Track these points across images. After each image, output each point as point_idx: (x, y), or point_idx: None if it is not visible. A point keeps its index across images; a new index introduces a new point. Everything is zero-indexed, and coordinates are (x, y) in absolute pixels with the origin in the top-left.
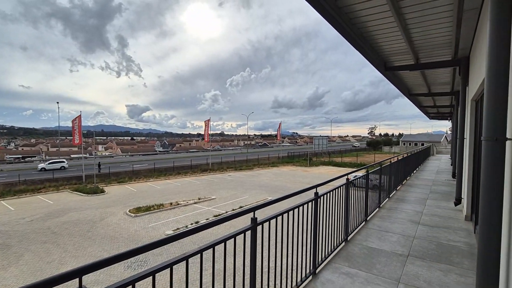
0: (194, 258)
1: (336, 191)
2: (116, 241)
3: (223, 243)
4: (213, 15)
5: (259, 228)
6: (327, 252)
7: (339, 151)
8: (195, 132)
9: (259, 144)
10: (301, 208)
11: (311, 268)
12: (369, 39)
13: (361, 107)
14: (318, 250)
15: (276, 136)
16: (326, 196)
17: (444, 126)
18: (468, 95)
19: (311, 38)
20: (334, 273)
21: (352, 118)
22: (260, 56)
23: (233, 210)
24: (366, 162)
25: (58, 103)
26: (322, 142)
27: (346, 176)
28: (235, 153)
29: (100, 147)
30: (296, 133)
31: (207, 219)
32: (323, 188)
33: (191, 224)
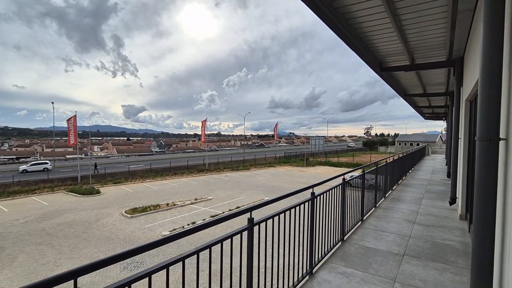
0: (191, 258)
1: (332, 191)
2: (112, 242)
3: (220, 244)
4: (209, 15)
5: (256, 228)
6: (323, 252)
7: (335, 151)
8: (192, 133)
9: (256, 144)
10: (297, 208)
11: (308, 268)
12: (365, 40)
13: (357, 107)
14: (315, 250)
15: (273, 136)
16: (322, 196)
17: (439, 126)
18: (462, 95)
19: (307, 38)
20: (330, 272)
21: (349, 118)
22: (257, 57)
23: (230, 210)
24: (362, 162)
25: (53, 103)
26: (319, 142)
27: (343, 176)
28: (232, 153)
29: (95, 147)
30: (293, 133)
31: (204, 220)
32: (320, 188)
33: (188, 224)
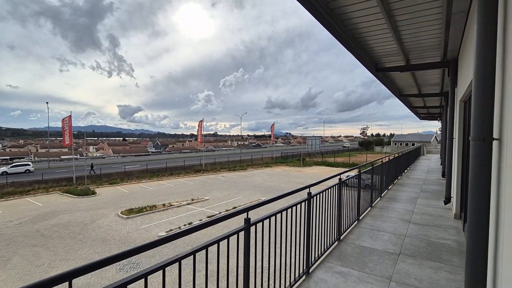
0: (187, 259)
1: (329, 191)
2: (107, 243)
3: (217, 244)
4: (205, 15)
5: (253, 228)
6: (320, 252)
7: (331, 151)
8: (188, 133)
9: (253, 144)
10: (294, 208)
11: (305, 267)
12: (360, 41)
13: (353, 107)
14: (311, 250)
15: (270, 136)
16: (319, 196)
17: (434, 127)
18: (456, 96)
19: (303, 39)
20: (327, 272)
21: (345, 119)
22: (253, 57)
23: (226, 210)
24: (358, 162)
25: (47, 103)
26: (315, 143)
27: (339, 176)
28: (229, 153)
29: (91, 148)
30: (290, 133)
31: (200, 220)
32: (316, 188)
33: (184, 225)
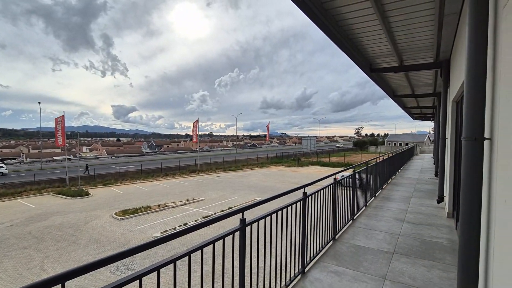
0: (182, 260)
1: (324, 190)
2: (101, 244)
3: (212, 245)
4: (200, 15)
5: (248, 228)
6: (315, 251)
7: (327, 151)
8: (183, 133)
9: (248, 144)
10: (289, 208)
11: (300, 267)
12: (355, 41)
13: (348, 107)
14: (307, 250)
15: (265, 136)
16: (314, 195)
17: (427, 127)
18: (449, 96)
19: (298, 39)
20: (322, 271)
21: (339, 119)
22: (249, 57)
23: (222, 211)
24: (353, 162)
25: (39, 103)
26: (310, 143)
27: (334, 176)
28: (224, 153)
29: (84, 148)
30: (285, 133)
31: (195, 221)
32: (311, 188)
33: (180, 226)
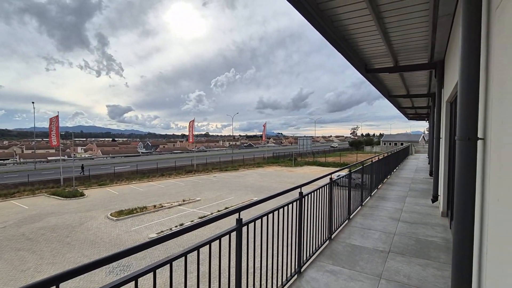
0: (179, 261)
1: (320, 190)
2: (97, 246)
3: (208, 245)
4: (197, 15)
5: (245, 229)
6: (311, 251)
7: (323, 151)
8: (179, 133)
9: (245, 144)
10: (286, 208)
11: (296, 267)
12: (350, 42)
13: (343, 108)
14: (303, 249)
15: (261, 136)
16: (310, 195)
17: (422, 127)
18: (443, 97)
19: (295, 40)
20: (318, 271)
21: (335, 119)
22: (245, 57)
23: (218, 211)
24: (349, 161)
25: (33, 103)
26: (307, 143)
27: (330, 176)
28: (220, 153)
29: (79, 148)
30: (281, 133)
31: (192, 221)
32: (308, 188)
33: (176, 226)
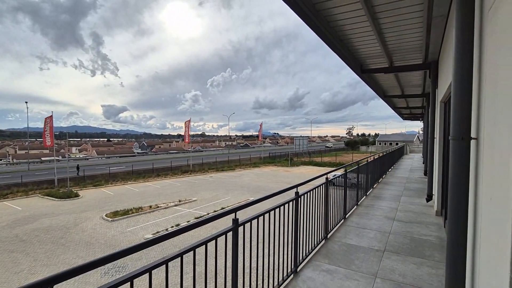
0: (175, 261)
1: (316, 190)
2: (92, 247)
3: (204, 245)
4: (192, 14)
5: (241, 229)
6: (307, 250)
7: (319, 151)
8: (175, 133)
9: (241, 144)
10: (282, 207)
11: (292, 266)
12: (346, 42)
13: (339, 108)
14: (299, 249)
15: (258, 136)
16: (306, 195)
17: (417, 127)
18: (437, 97)
19: (291, 40)
20: (314, 270)
21: (331, 119)
22: (241, 57)
23: (215, 211)
24: (344, 161)
25: (26, 102)
26: (303, 143)
27: (326, 176)
28: (217, 154)
29: (74, 149)
30: (277, 133)
31: (188, 222)
32: (304, 188)
33: (172, 227)
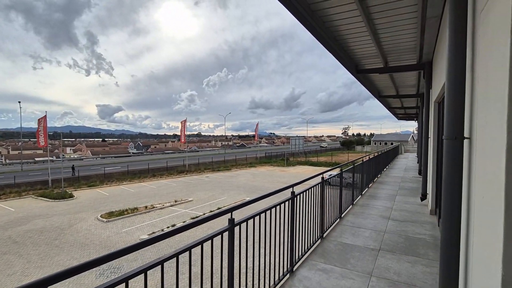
0: (170, 262)
1: (312, 189)
2: (86, 248)
3: (200, 245)
4: (188, 14)
5: (237, 229)
6: (303, 250)
7: (315, 151)
8: (171, 133)
9: (237, 144)
10: (278, 207)
11: (289, 266)
12: (341, 43)
13: (335, 108)
14: (295, 248)
15: (254, 136)
16: (302, 195)
17: (411, 126)
18: (431, 97)
19: (287, 40)
20: (310, 269)
21: (327, 119)
22: (237, 57)
23: (211, 211)
24: (340, 161)
25: (20, 102)
26: (299, 142)
27: (321, 175)
28: (213, 154)
29: (68, 149)
30: (273, 133)
31: (184, 222)
32: (300, 187)
33: (168, 227)
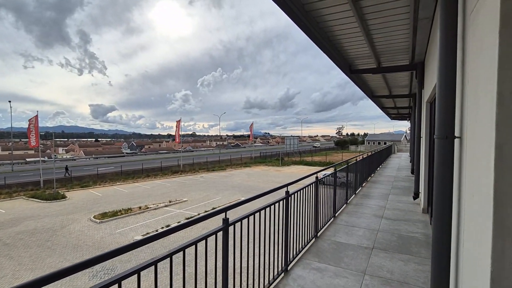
0: (164, 262)
1: (306, 189)
2: (79, 249)
3: (194, 246)
4: (183, 13)
5: (231, 228)
6: (298, 249)
7: (309, 150)
8: (165, 133)
9: (232, 144)
10: (272, 207)
11: (283, 265)
12: (335, 43)
13: (329, 108)
14: (290, 248)
15: (249, 136)
16: (296, 194)
17: (404, 126)
18: (423, 97)
19: (281, 40)
20: (305, 269)
21: (321, 119)
22: (232, 57)
23: (205, 212)
24: (334, 160)
25: (10, 102)
26: (293, 142)
27: (316, 175)
28: (207, 154)
29: (60, 149)
30: (268, 133)
31: (178, 222)
32: (294, 187)
33: (162, 228)
